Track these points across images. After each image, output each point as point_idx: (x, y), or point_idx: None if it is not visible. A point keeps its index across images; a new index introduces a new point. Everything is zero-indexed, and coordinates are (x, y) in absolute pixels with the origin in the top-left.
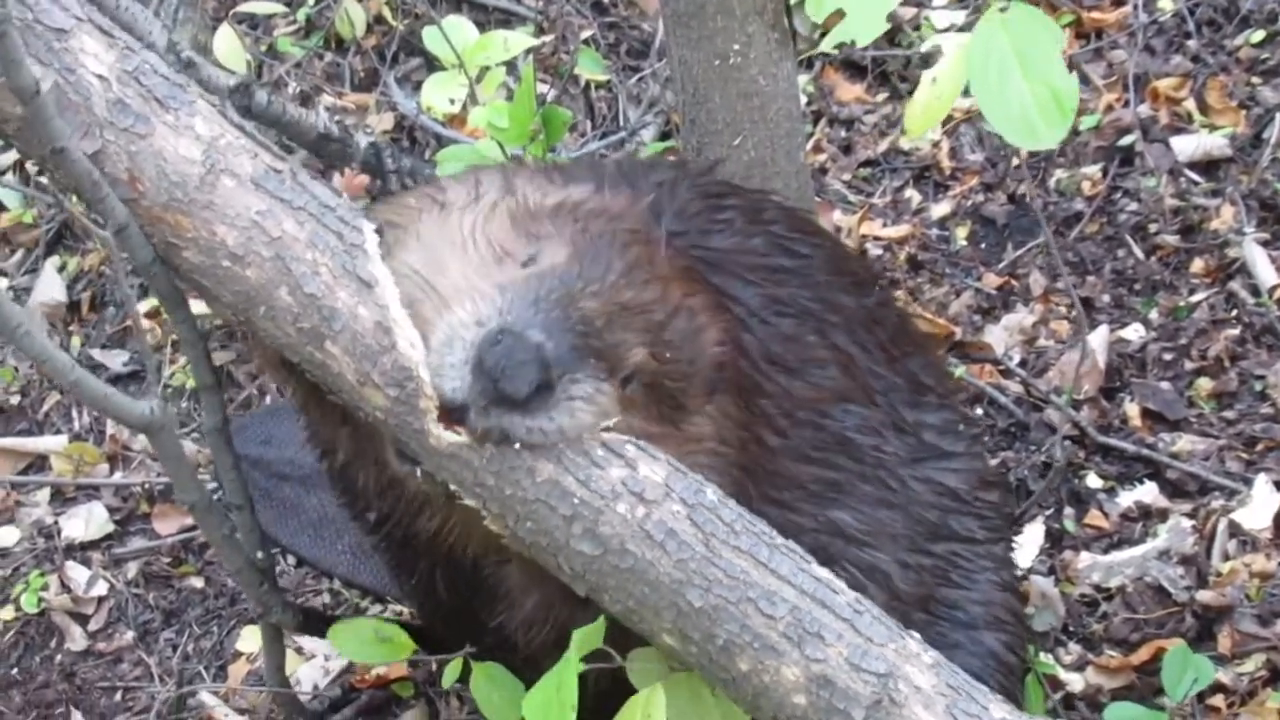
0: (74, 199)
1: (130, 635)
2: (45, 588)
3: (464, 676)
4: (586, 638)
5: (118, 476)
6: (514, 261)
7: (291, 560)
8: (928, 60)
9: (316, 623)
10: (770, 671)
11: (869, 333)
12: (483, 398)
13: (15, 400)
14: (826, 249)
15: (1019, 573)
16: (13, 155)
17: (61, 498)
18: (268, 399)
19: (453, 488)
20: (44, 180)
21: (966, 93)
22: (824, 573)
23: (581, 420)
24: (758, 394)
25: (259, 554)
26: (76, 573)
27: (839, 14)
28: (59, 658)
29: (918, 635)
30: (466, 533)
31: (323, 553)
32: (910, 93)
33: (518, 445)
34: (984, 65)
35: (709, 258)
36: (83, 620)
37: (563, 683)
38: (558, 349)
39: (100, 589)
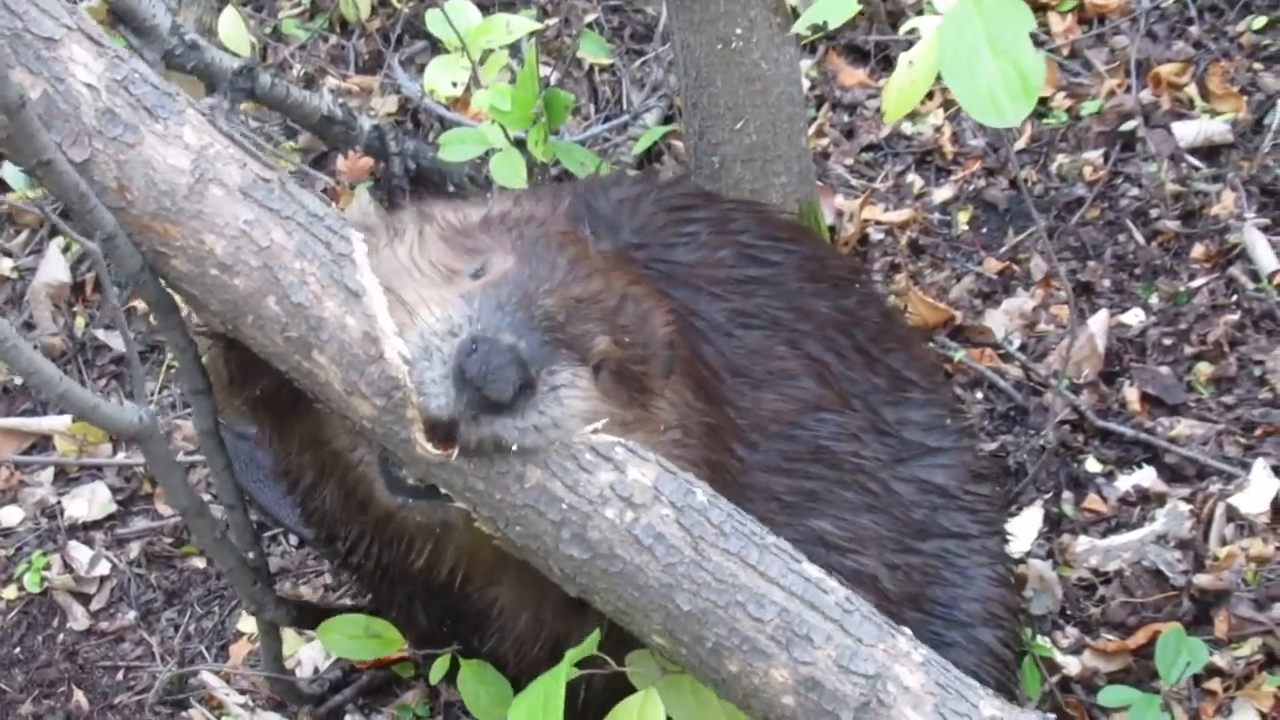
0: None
1: (132, 615)
2: (48, 567)
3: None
4: (580, 651)
5: (121, 457)
6: (463, 276)
7: (293, 541)
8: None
9: (310, 617)
10: (759, 674)
11: (846, 336)
12: (470, 408)
13: (19, 380)
14: (801, 254)
15: (1015, 561)
16: None
17: (65, 478)
18: None
19: (443, 491)
20: None
21: None
22: (815, 571)
23: (571, 406)
24: (721, 401)
25: (251, 554)
26: (79, 552)
27: None
28: (61, 637)
29: (909, 632)
30: (459, 563)
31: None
32: None
33: (514, 449)
34: (955, 46)
35: (672, 272)
36: (85, 600)
37: (550, 692)
38: (531, 347)
39: (102, 569)
